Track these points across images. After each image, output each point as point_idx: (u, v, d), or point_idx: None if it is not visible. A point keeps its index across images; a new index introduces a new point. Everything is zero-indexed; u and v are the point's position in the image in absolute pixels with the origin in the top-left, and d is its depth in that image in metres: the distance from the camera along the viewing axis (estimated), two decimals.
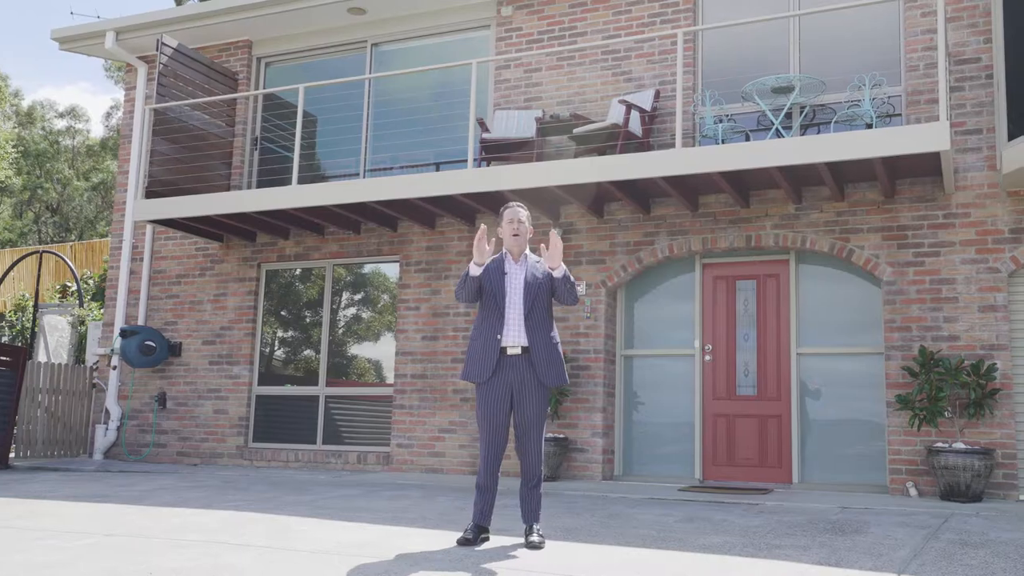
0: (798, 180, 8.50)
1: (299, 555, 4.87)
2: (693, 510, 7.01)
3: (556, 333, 5.45)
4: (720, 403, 9.19)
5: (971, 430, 7.93)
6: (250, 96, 11.52)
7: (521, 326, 5.31)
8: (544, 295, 5.38)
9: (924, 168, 8.11)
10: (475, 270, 5.28)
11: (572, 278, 5.39)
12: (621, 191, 8.74)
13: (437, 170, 10.72)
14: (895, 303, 8.36)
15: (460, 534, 5.58)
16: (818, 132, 9.03)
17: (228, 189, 11.51)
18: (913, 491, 7.99)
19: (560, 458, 9.06)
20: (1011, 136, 7.68)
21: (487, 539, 5.34)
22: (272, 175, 11.63)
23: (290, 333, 11.20)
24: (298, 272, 11.26)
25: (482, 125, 9.53)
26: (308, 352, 11.05)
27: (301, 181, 11.16)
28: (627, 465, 9.46)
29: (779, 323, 9.04)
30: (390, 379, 10.45)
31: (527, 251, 5.48)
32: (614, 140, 9.05)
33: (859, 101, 8.67)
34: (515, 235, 5.41)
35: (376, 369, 10.69)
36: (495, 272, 5.41)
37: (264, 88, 11.89)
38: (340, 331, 10.94)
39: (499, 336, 5.29)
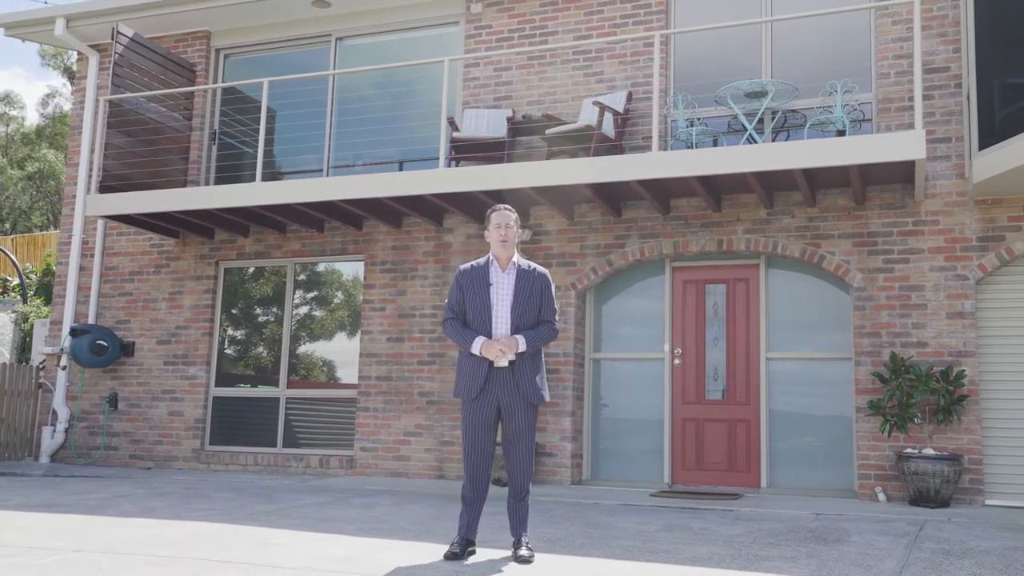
0: (771, 185, 8.51)
1: (285, 572, 4.69)
2: (670, 517, 6.97)
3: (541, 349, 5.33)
4: (689, 407, 9.17)
5: (939, 436, 8.02)
6: (209, 89, 11.18)
7: None
8: (532, 307, 5.24)
9: (895, 175, 8.17)
10: (476, 350, 5.10)
11: (542, 331, 5.19)
12: (594, 193, 8.66)
13: (401, 169, 10.54)
14: (865, 309, 8.42)
15: (446, 547, 5.45)
16: (787, 137, 9.06)
17: (185, 184, 11.18)
18: (882, 496, 8.06)
19: None
20: (982, 146, 7.76)
21: (474, 552, 5.22)
22: (231, 171, 11.32)
23: (249, 333, 10.92)
24: (258, 270, 10.98)
25: (452, 124, 9.37)
26: (268, 352, 10.78)
27: (262, 178, 10.90)
28: (595, 469, 9.40)
29: (748, 327, 9.05)
30: (354, 381, 10.24)
31: (516, 257, 5.34)
32: (587, 142, 8.96)
33: (831, 107, 8.70)
34: (503, 241, 5.27)
35: (339, 371, 10.46)
36: (479, 283, 5.24)
37: (223, 81, 11.56)
38: (302, 331, 10.69)
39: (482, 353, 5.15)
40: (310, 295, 10.79)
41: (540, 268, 5.33)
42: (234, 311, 11.01)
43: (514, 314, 5.19)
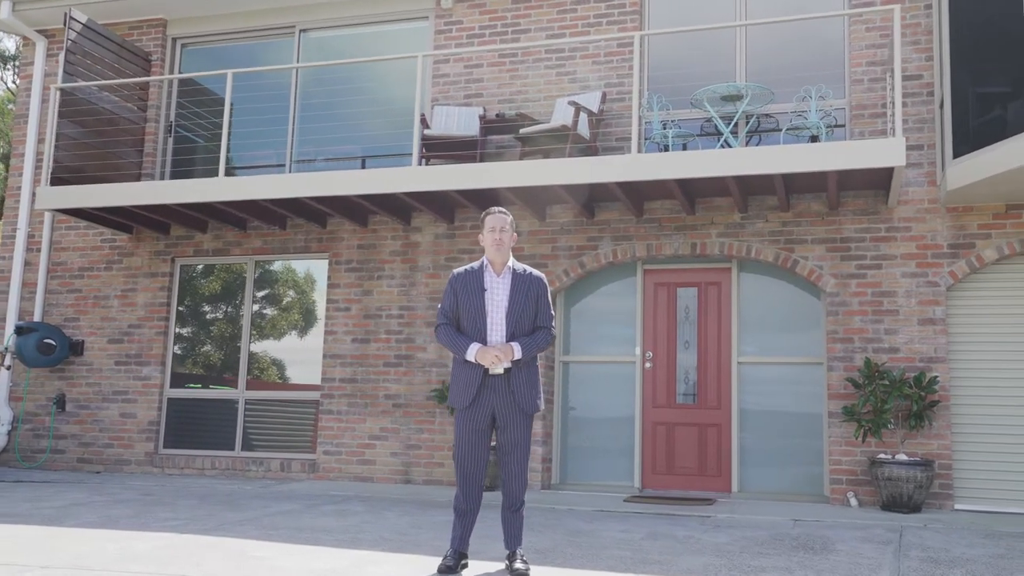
0: (748, 189, 8.48)
1: None
2: (650, 525, 6.88)
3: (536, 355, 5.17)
4: (660, 411, 9.11)
5: (910, 441, 8.08)
6: (165, 80, 10.79)
7: None
8: (528, 313, 5.08)
9: (869, 182, 8.20)
10: (470, 357, 4.93)
11: (538, 338, 5.02)
12: (569, 194, 8.54)
13: (363, 166, 10.31)
14: (838, 314, 8.45)
15: (433, 559, 5.29)
16: (759, 142, 9.05)
17: (139, 177, 10.78)
18: (854, 501, 8.09)
19: (496, 468, 8.78)
20: (956, 154, 7.83)
21: (466, 565, 5.05)
22: (187, 164, 10.95)
23: (207, 332, 10.56)
24: (217, 268, 10.63)
25: (424, 122, 9.17)
26: (226, 353, 10.44)
27: (215, 173, 10.57)
28: (564, 473, 9.29)
29: (720, 331, 9.02)
30: (316, 383, 9.97)
31: (511, 261, 5.18)
32: (561, 142, 8.84)
33: (805, 112, 8.71)
34: (497, 244, 5.11)
35: (301, 372, 10.17)
36: (474, 289, 5.07)
37: (179, 71, 11.17)
38: (262, 331, 10.38)
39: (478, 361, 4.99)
40: (271, 294, 10.48)
41: (536, 272, 5.19)
42: (191, 310, 10.65)
43: (509, 320, 5.04)
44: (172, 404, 10.45)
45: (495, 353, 4.90)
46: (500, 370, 4.98)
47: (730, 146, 8.63)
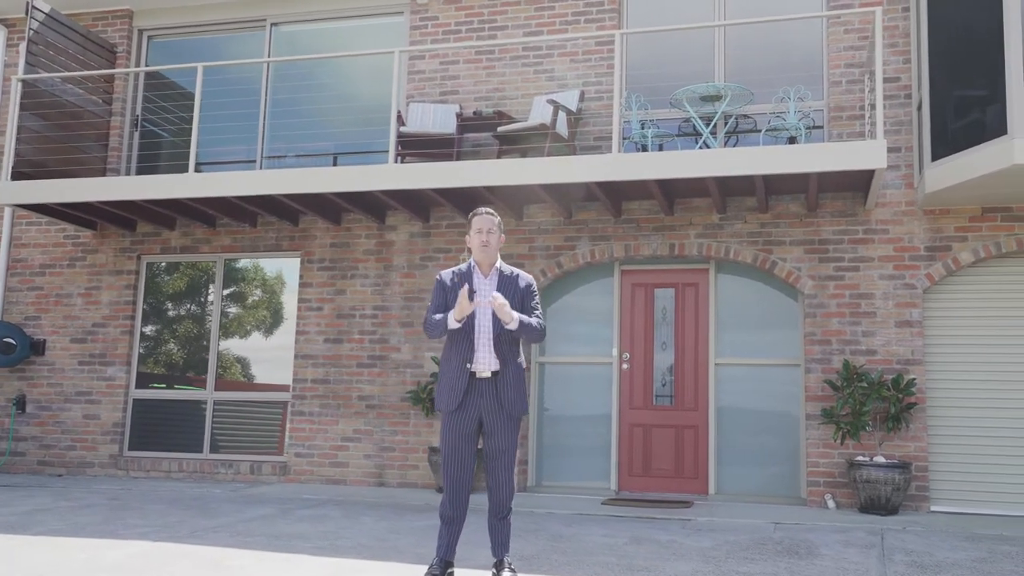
0: (726, 190, 8.44)
1: None
2: (632, 529, 6.81)
3: (523, 358, 5.05)
4: (637, 413, 9.05)
5: (887, 443, 8.09)
6: (131, 72, 10.51)
7: (491, 350, 4.89)
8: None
9: (848, 184, 8.20)
10: (453, 324, 4.81)
11: (532, 320, 4.90)
12: (548, 194, 8.44)
13: (335, 163, 10.13)
14: (816, 316, 8.44)
15: (416, 567, 5.17)
16: (736, 142, 9.01)
17: (104, 172, 10.50)
18: (831, 503, 8.09)
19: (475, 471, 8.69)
20: (935, 157, 7.85)
21: (452, 574, 4.93)
22: (153, 160, 10.69)
23: (174, 332, 10.31)
24: (185, 266, 10.39)
25: (400, 119, 9.02)
26: (195, 353, 10.21)
27: (182, 169, 10.35)
28: (540, 476, 9.20)
29: (697, 333, 8.98)
30: (287, 383, 9.78)
31: (499, 263, 5.06)
32: (539, 141, 8.74)
33: (783, 113, 8.69)
34: (484, 246, 4.99)
35: (272, 372, 9.97)
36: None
37: (146, 64, 10.91)
38: (232, 331, 10.16)
39: (468, 364, 4.86)
40: (240, 293, 10.26)
41: (524, 274, 5.08)
42: (157, 308, 10.39)
43: (496, 321, 4.92)
44: (137, 405, 10.20)
45: (489, 299, 4.76)
46: (487, 373, 4.86)
47: (709, 147, 8.59)
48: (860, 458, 7.85)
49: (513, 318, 4.78)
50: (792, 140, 8.62)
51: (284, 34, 10.51)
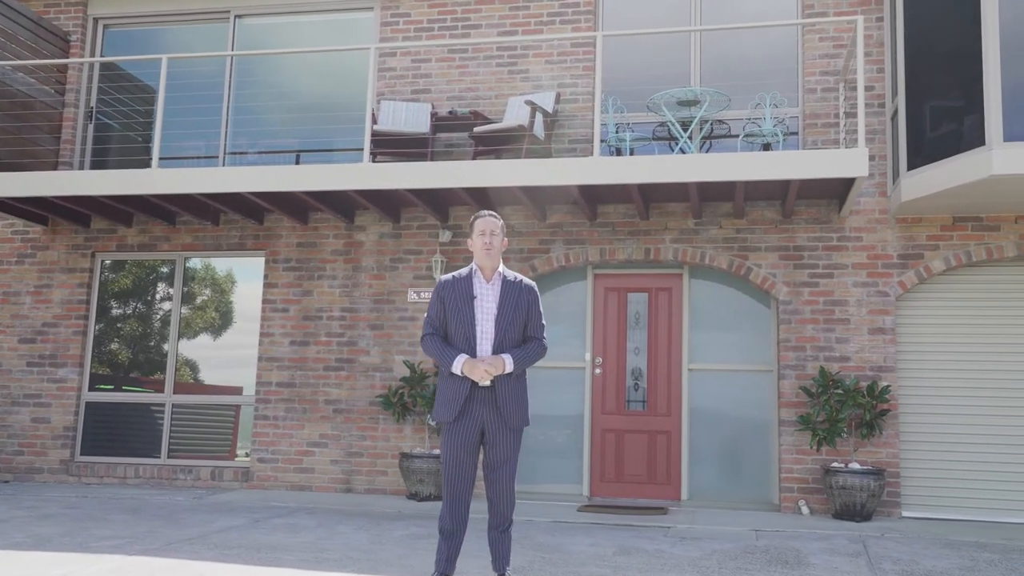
0: (703, 195, 8.41)
1: None
2: (616, 537, 6.72)
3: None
4: (609, 418, 8.98)
5: (860, 449, 8.14)
6: (86, 63, 10.10)
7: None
8: (518, 323, 4.82)
9: (823, 191, 8.24)
10: (456, 369, 4.65)
11: (531, 349, 4.78)
12: (526, 196, 8.33)
13: (298, 161, 9.88)
14: (790, 322, 8.46)
15: None
16: (709, 148, 9.00)
17: (56, 166, 10.08)
18: (805, 509, 8.12)
19: None
20: (911, 166, 7.92)
21: None
22: (109, 153, 10.30)
23: (131, 333, 9.94)
24: (142, 264, 10.02)
25: (374, 118, 8.81)
26: (153, 354, 9.86)
27: (139, 163, 10.00)
28: None
29: (670, 337, 8.95)
30: (251, 386, 9.49)
31: (501, 267, 4.92)
32: (515, 142, 8.62)
33: (759, 119, 8.70)
34: (488, 249, 4.84)
35: (234, 375, 9.67)
36: (462, 296, 4.79)
37: (101, 54, 10.50)
38: (193, 332, 9.83)
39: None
40: (202, 293, 9.94)
41: (527, 280, 4.94)
42: (113, 308, 10.01)
43: (499, 329, 4.78)
44: (91, 408, 9.81)
45: (484, 367, 4.64)
46: (487, 382, 4.72)
47: (684, 151, 8.55)
48: (835, 464, 7.89)
49: (508, 369, 4.65)
50: (767, 147, 8.64)
51: (248, 27, 10.21)
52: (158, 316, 9.91)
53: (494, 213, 4.92)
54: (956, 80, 7.64)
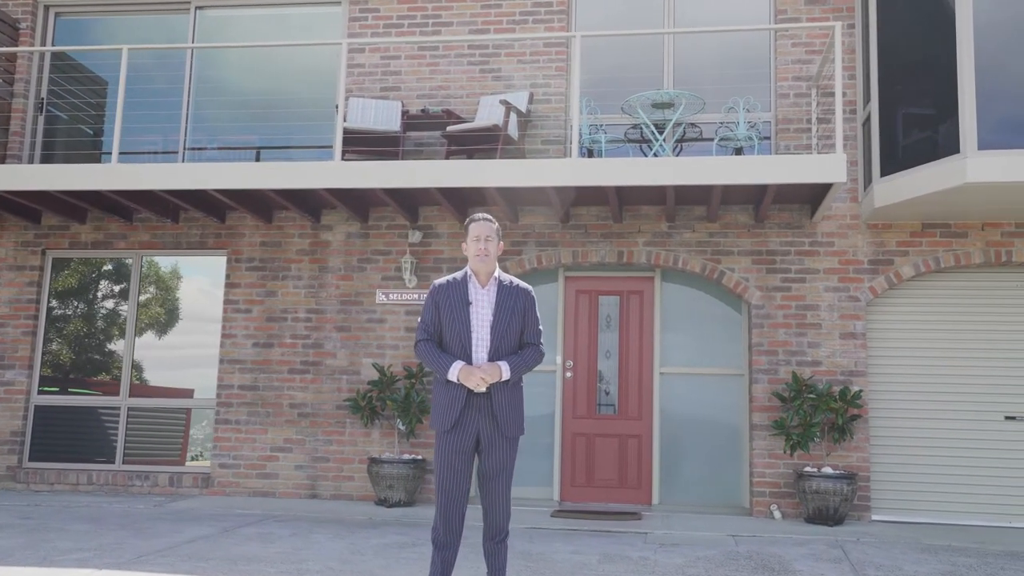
0: (679, 199, 8.37)
1: None
2: (596, 544, 6.64)
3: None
4: (580, 422, 8.90)
5: (831, 454, 8.18)
6: (36, 52, 9.70)
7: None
8: (515, 328, 4.68)
9: (797, 195, 8.26)
10: (452, 376, 4.50)
11: (527, 356, 4.62)
12: (501, 197, 8.20)
13: (258, 157, 9.61)
14: (763, 327, 8.47)
15: None
16: (680, 151, 8.97)
17: (4, 159, 9.66)
18: (777, 514, 8.13)
19: (417, 481, 8.36)
20: (884, 172, 7.98)
21: None
22: (60, 147, 9.91)
23: (84, 334, 9.57)
24: (97, 263, 9.65)
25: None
26: (107, 356, 9.50)
27: (90, 158, 9.66)
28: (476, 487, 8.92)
29: (642, 341, 8.90)
30: (212, 390, 9.20)
31: (497, 272, 4.77)
32: (489, 142, 8.48)
33: (733, 124, 8.70)
34: (482, 256, 4.68)
35: (194, 378, 9.36)
36: (458, 302, 4.63)
37: (53, 43, 10.09)
38: (149, 333, 9.49)
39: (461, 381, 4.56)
40: (159, 292, 9.60)
41: (523, 284, 4.80)
42: (65, 308, 9.62)
43: (495, 335, 4.63)
44: (40, 412, 9.41)
45: (480, 375, 4.50)
46: (483, 389, 4.58)
47: (656, 155, 8.51)
48: (808, 469, 7.91)
49: (505, 376, 4.52)
50: (739, 151, 8.64)
51: (210, 19, 9.90)
52: (109, 316, 9.55)
53: (489, 216, 4.77)
54: (930, 88, 7.71)
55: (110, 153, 9.64)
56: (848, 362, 8.32)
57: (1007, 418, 8.25)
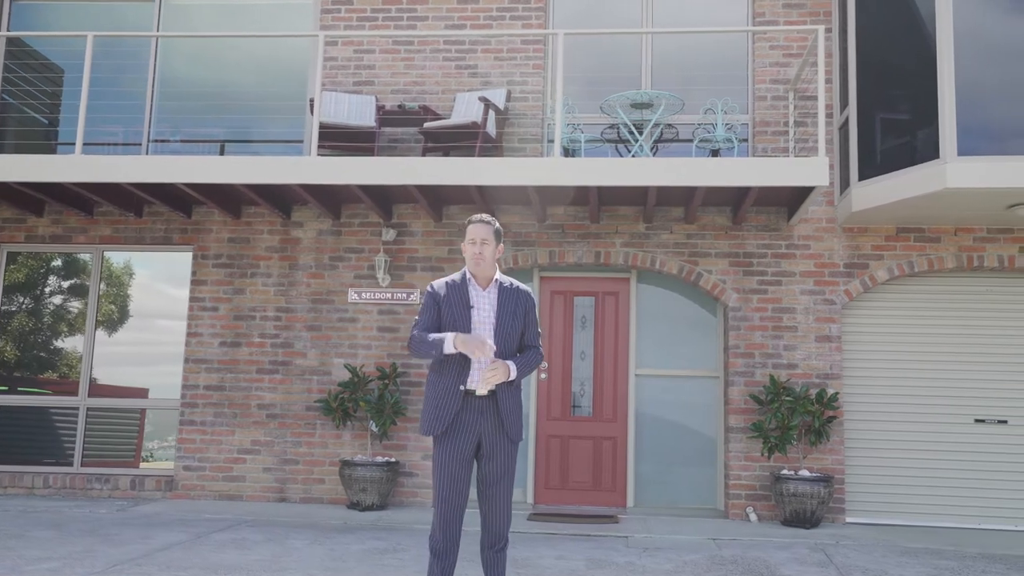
0: (659, 199, 8.32)
1: None
2: (582, 549, 6.55)
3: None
4: (555, 424, 8.81)
5: (807, 456, 8.20)
6: None
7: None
8: (516, 330, 4.54)
9: (776, 198, 8.25)
10: (450, 349, 4.34)
11: (529, 358, 4.52)
12: (480, 195, 8.07)
13: (222, 151, 9.35)
14: (740, 329, 8.46)
15: None
16: (656, 152, 8.92)
17: None
18: (753, 516, 8.12)
19: (390, 484, 8.19)
20: (862, 177, 8.02)
21: None
22: (14, 136, 9.52)
23: (40, 331, 9.21)
24: (48, 257, 9.30)
25: (311, 108, 8.37)
26: (65, 355, 9.15)
27: (45, 148, 9.31)
28: None
29: (617, 342, 8.83)
30: (176, 390, 8.91)
31: (497, 274, 4.63)
32: (466, 140, 8.34)
33: (710, 125, 8.67)
34: (478, 259, 4.53)
35: (157, 377, 9.07)
36: (458, 304, 4.49)
37: (8, 29, 9.70)
38: (110, 330, 9.17)
39: (462, 386, 4.42)
40: (120, 288, 9.28)
41: (523, 286, 4.67)
42: (20, 304, 9.25)
43: (497, 339, 4.50)
44: None
45: (495, 370, 4.36)
46: (484, 391, 4.45)
47: (635, 155, 8.45)
48: (785, 472, 7.91)
49: (513, 376, 4.40)
50: (715, 153, 8.62)
51: (175, 8, 9.59)
52: (58, 312, 9.21)
53: (487, 218, 4.60)
54: (909, 93, 7.76)
55: (67, 144, 9.36)
56: (823, 365, 8.35)
57: (977, 421, 8.35)
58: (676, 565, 6.05)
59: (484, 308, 4.52)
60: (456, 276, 4.59)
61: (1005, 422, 8.31)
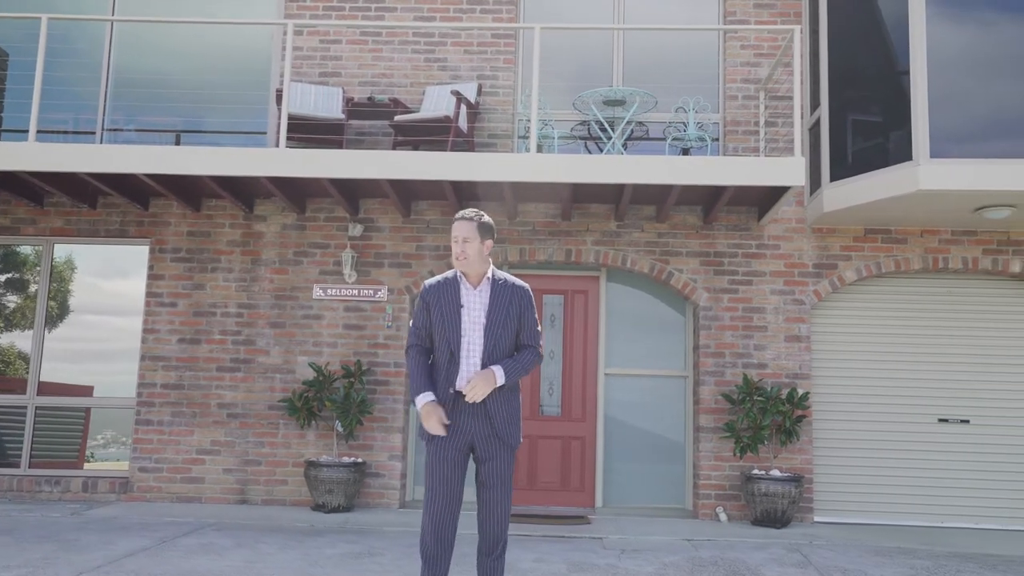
0: (632, 198, 8.25)
1: None
2: (557, 552, 6.44)
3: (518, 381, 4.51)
4: (523, 423, 8.67)
5: (777, 456, 8.21)
6: None
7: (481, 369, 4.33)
8: (509, 330, 4.39)
9: (747, 198, 8.24)
10: (417, 404, 4.26)
11: (523, 359, 4.35)
12: (453, 191, 7.91)
13: (178, 141, 9.05)
14: (710, 328, 8.44)
15: None
16: (627, 149, 8.86)
17: None
18: (723, 516, 8.10)
19: (357, 486, 7.99)
20: (833, 177, 8.05)
21: None
22: None
23: None
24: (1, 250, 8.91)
25: (278, 99, 8.14)
26: (11, 352, 8.75)
27: (28, 136, 8.92)
28: (417, 491, 8.63)
29: (586, 341, 8.75)
30: (132, 388, 8.59)
31: (490, 271, 4.48)
32: (437, 134, 8.18)
33: (682, 124, 8.63)
34: (460, 258, 4.37)
35: (111, 376, 8.73)
36: (448, 304, 4.33)
37: None
38: (60, 326, 8.80)
39: (452, 389, 4.27)
40: (69, 284, 8.91)
41: (519, 282, 4.50)
42: None
43: (488, 339, 4.34)
44: None
45: (475, 383, 4.21)
46: (479, 399, 4.29)
47: (605, 152, 8.37)
48: (756, 472, 7.90)
49: (500, 382, 4.24)
50: (686, 152, 8.59)
51: None
52: (21, 308, 8.82)
53: (469, 214, 4.39)
54: (881, 95, 7.80)
55: (11, 131, 8.95)
56: (793, 365, 8.37)
57: (940, 420, 8.45)
58: (657, 568, 5.98)
59: (475, 308, 4.36)
60: (449, 273, 4.44)
61: (967, 422, 8.42)
